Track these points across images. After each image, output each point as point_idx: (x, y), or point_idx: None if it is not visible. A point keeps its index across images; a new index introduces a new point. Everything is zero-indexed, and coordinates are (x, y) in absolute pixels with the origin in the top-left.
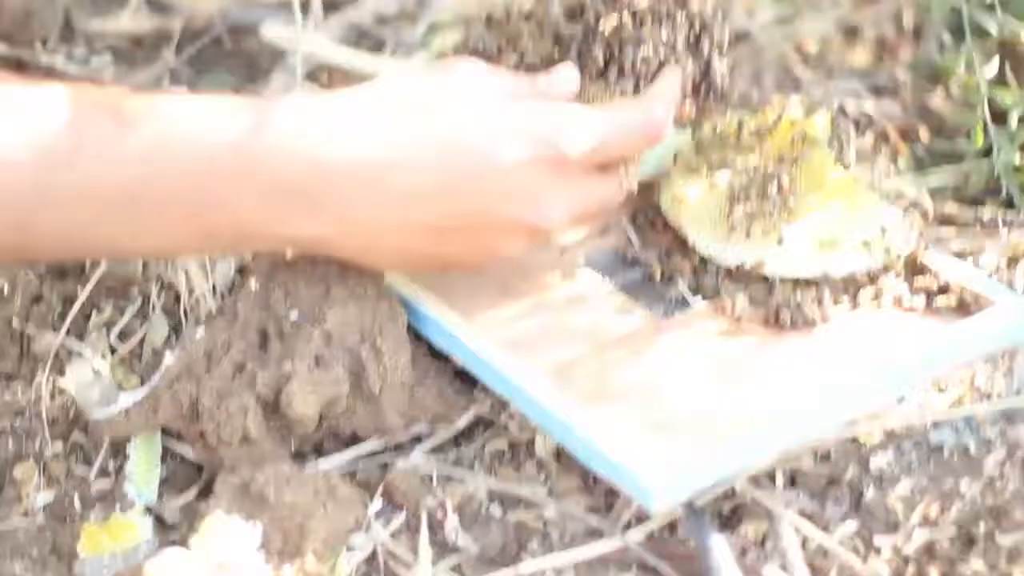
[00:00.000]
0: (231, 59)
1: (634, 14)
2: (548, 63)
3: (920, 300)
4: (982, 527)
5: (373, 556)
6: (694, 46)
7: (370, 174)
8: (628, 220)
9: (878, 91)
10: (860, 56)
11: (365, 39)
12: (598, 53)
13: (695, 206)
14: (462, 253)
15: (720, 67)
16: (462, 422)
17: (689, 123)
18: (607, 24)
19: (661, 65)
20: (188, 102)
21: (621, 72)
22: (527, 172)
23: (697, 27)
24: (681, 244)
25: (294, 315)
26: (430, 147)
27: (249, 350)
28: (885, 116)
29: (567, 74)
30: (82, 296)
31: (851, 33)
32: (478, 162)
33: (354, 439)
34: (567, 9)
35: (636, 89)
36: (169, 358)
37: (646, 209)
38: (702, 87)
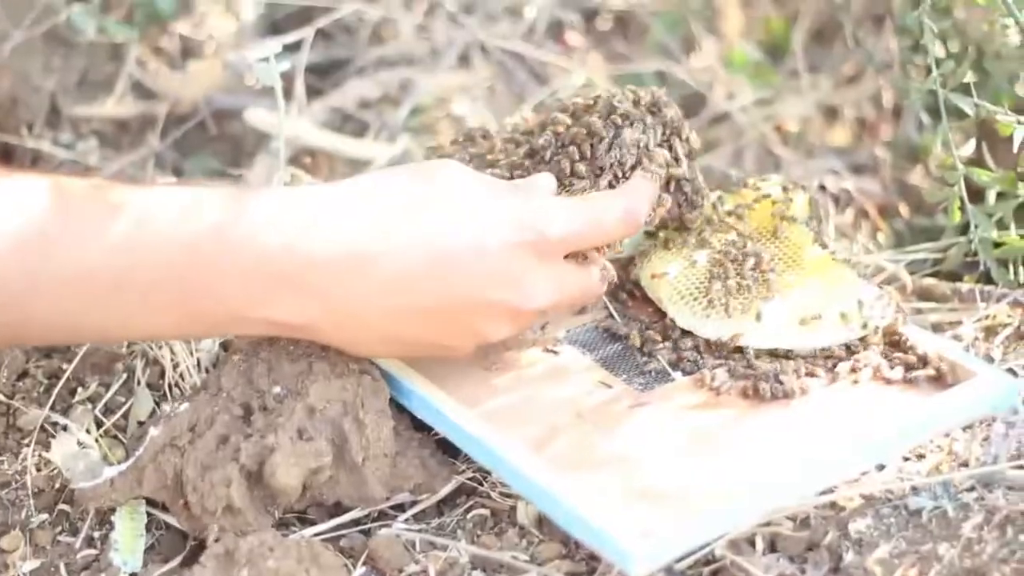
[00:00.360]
0: (216, 143)
1: (609, 117)
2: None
3: (898, 372)
4: None
5: None
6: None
7: (356, 259)
8: (608, 296)
9: (858, 169)
10: (840, 135)
11: (348, 123)
12: (566, 164)
13: (674, 282)
14: (448, 338)
15: (688, 172)
16: (444, 491)
17: (662, 223)
18: (575, 132)
19: (633, 168)
20: (170, 191)
21: (596, 175)
22: (511, 256)
23: (667, 132)
24: (660, 319)
25: (277, 389)
26: (416, 233)
27: (233, 423)
28: (865, 193)
29: (545, 179)
30: (68, 372)
31: (831, 113)
32: (464, 246)
33: (338, 508)
34: (539, 123)
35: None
36: (154, 430)
37: (626, 285)
38: (672, 189)
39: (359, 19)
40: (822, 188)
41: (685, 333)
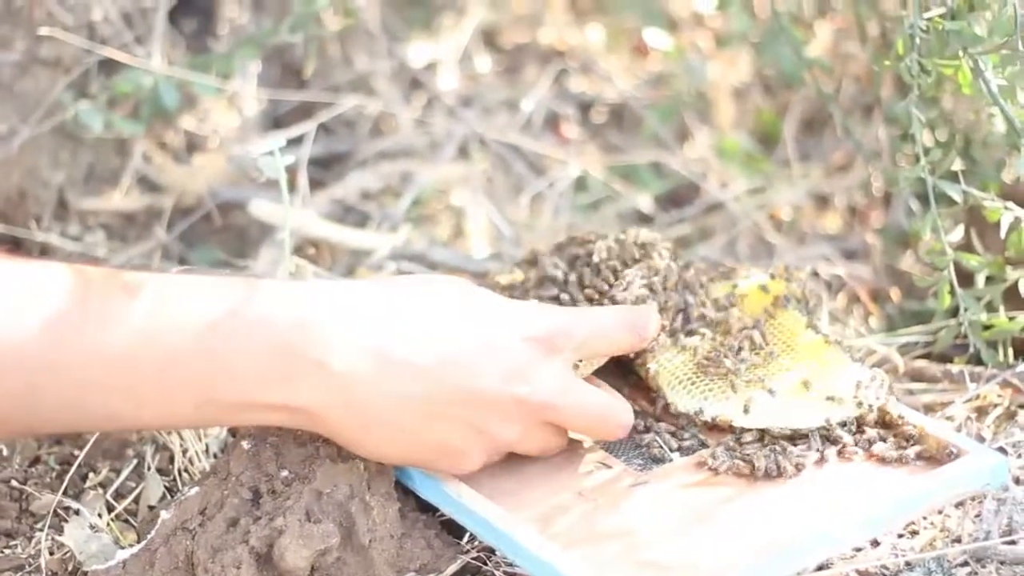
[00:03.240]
0: (221, 235)
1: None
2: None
3: (892, 451)
4: None
5: None
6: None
7: (372, 345)
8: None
9: (849, 255)
10: (831, 222)
11: (351, 214)
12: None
13: (671, 367)
14: (457, 436)
15: (693, 300)
16: (450, 570)
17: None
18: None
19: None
20: (187, 277)
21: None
22: (521, 350)
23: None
24: (659, 404)
25: (285, 473)
26: (430, 321)
27: (242, 506)
28: (856, 279)
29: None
30: (80, 458)
31: (822, 201)
32: (477, 341)
33: None
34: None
35: None
36: (165, 514)
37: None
38: (678, 317)
39: (359, 113)
40: (815, 274)
41: (682, 416)
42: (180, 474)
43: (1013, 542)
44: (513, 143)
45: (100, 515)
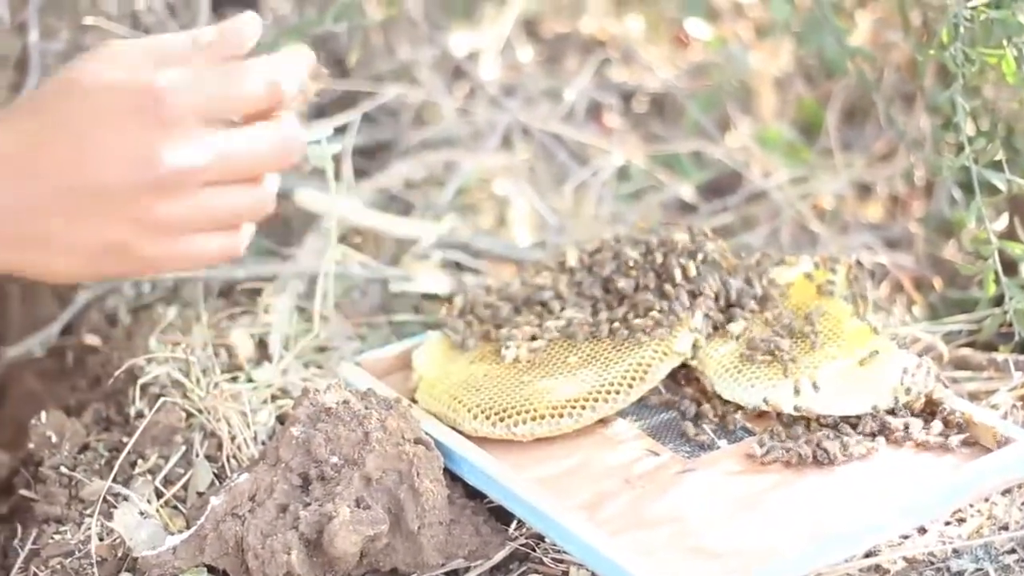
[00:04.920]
0: (266, 224)
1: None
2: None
3: (938, 438)
4: None
5: None
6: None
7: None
8: None
9: (892, 244)
10: (874, 211)
11: (394, 203)
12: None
13: (718, 355)
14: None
15: (735, 283)
16: (498, 557)
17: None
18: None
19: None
20: None
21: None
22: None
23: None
24: (705, 390)
25: (335, 459)
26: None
27: (292, 492)
28: (899, 268)
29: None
30: (129, 444)
31: (865, 190)
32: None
33: (394, 575)
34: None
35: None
36: (215, 500)
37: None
38: (721, 300)
39: (402, 102)
40: (858, 263)
41: (729, 404)
42: (228, 460)
43: None
44: (556, 132)
45: (149, 501)
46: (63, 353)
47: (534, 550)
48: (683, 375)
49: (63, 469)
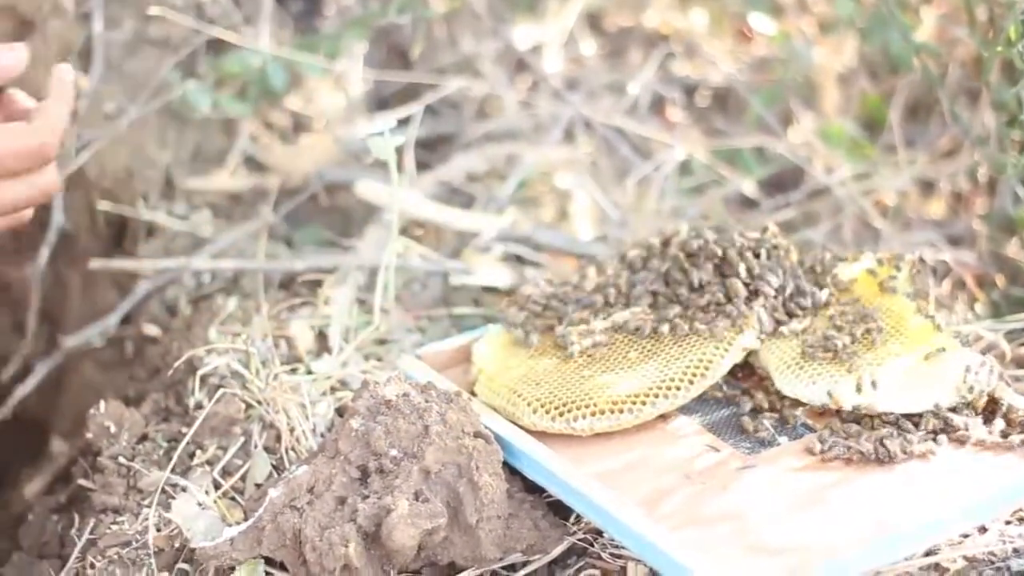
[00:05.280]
0: (326, 215)
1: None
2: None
3: (1000, 437)
4: None
5: None
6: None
7: None
8: None
9: (954, 241)
10: (936, 208)
11: (456, 196)
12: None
13: (779, 352)
14: None
15: (797, 280)
16: (556, 551)
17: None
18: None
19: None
20: None
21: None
22: None
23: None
24: (766, 387)
25: (394, 452)
26: None
27: (350, 485)
28: (962, 265)
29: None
30: (188, 435)
31: (927, 187)
32: None
33: (452, 568)
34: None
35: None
36: (273, 492)
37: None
38: (783, 297)
39: (464, 95)
40: (921, 260)
41: (790, 400)
42: (287, 452)
43: None
44: (618, 126)
45: (207, 492)
46: (122, 343)
47: (592, 545)
48: (744, 372)
49: (121, 459)
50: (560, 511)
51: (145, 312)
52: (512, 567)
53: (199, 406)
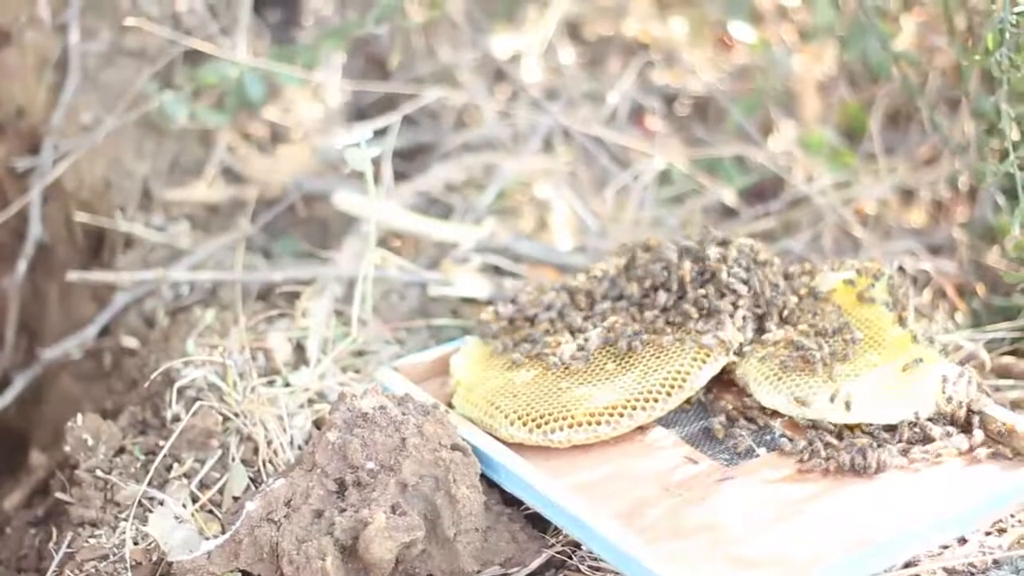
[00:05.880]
0: (304, 226)
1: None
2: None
3: (980, 448)
4: None
5: None
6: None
7: None
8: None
9: (935, 250)
10: (917, 217)
11: (434, 206)
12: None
13: (757, 363)
14: None
15: (778, 296)
16: (534, 564)
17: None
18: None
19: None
20: None
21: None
22: None
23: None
24: (744, 399)
25: (371, 465)
26: None
27: (327, 498)
28: (942, 274)
29: None
30: (165, 448)
31: (908, 195)
32: None
33: None
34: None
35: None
36: (250, 505)
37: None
38: (761, 307)
39: (443, 105)
40: (900, 269)
41: (768, 411)
42: (265, 465)
43: None
44: (597, 135)
45: (184, 505)
46: (100, 355)
47: (570, 557)
48: (722, 383)
49: (99, 472)
50: (538, 523)
51: (123, 324)
52: None
53: (176, 419)
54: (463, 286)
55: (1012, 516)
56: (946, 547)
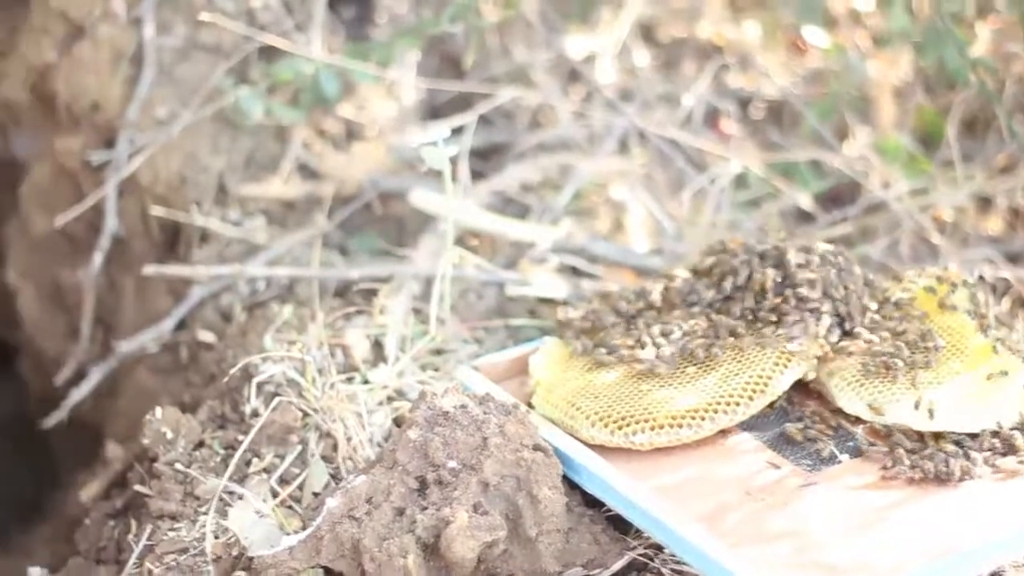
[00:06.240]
0: (380, 223)
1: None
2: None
3: None
4: None
5: None
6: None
7: None
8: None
9: (1013, 258)
10: (994, 224)
11: (510, 206)
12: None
13: (840, 369)
14: None
15: (857, 297)
16: (616, 566)
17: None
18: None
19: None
20: None
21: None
22: None
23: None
24: (828, 405)
25: (452, 463)
26: None
27: (409, 495)
28: (1021, 281)
29: None
30: (245, 443)
31: (985, 202)
32: None
33: None
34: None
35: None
36: (332, 501)
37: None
38: (842, 322)
39: (517, 105)
40: (980, 278)
41: (850, 418)
42: (344, 462)
43: None
44: (672, 138)
45: (264, 500)
46: (177, 349)
47: (652, 560)
48: (803, 389)
49: (178, 466)
50: (619, 525)
51: (199, 318)
52: None
53: (255, 414)
54: (541, 286)
55: None
56: None
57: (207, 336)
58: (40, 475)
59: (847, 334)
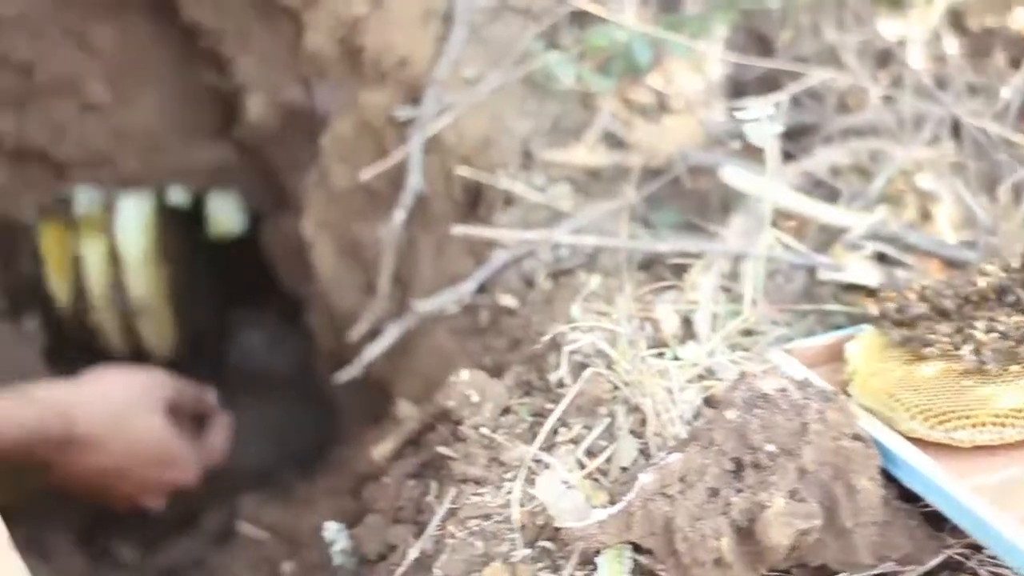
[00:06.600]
0: (685, 198)
1: None
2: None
3: None
4: None
5: None
6: None
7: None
8: None
9: None
10: None
11: (819, 189)
12: None
13: None
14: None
15: None
16: (931, 563)
17: None
18: None
19: None
20: None
21: None
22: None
23: None
24: None
25: (770, 447)
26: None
27: (723, 477)
28: None
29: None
30: (556, 412)
31: None
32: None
33: (822, 571)
34: None
35: None
36: (644, 477)
37: None
38: None
39: (827, 87)
40: None
41: None
42: (652, 438)
43: None
44: (987, 129)
45: (571, 471)
46: (476, 311)
47: (968, 559)
48: None
49: (484, 430)
50: (935, 523)
51: (500, 283)
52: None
53: (561, 383)
54: (854, 272)
55: None
56: None
57: (509, 301)
58: (323, 429)
59: None
